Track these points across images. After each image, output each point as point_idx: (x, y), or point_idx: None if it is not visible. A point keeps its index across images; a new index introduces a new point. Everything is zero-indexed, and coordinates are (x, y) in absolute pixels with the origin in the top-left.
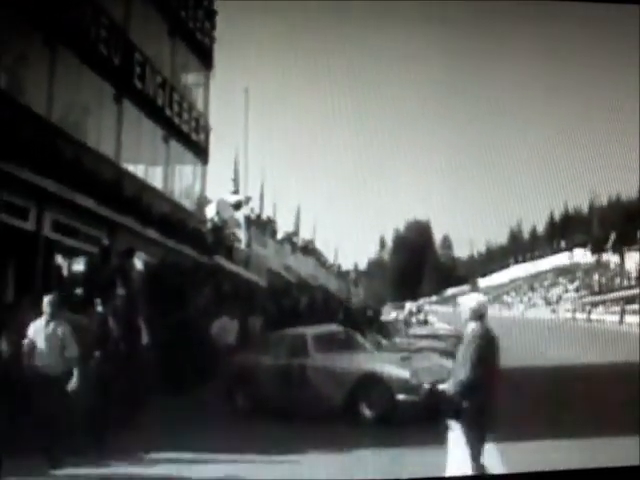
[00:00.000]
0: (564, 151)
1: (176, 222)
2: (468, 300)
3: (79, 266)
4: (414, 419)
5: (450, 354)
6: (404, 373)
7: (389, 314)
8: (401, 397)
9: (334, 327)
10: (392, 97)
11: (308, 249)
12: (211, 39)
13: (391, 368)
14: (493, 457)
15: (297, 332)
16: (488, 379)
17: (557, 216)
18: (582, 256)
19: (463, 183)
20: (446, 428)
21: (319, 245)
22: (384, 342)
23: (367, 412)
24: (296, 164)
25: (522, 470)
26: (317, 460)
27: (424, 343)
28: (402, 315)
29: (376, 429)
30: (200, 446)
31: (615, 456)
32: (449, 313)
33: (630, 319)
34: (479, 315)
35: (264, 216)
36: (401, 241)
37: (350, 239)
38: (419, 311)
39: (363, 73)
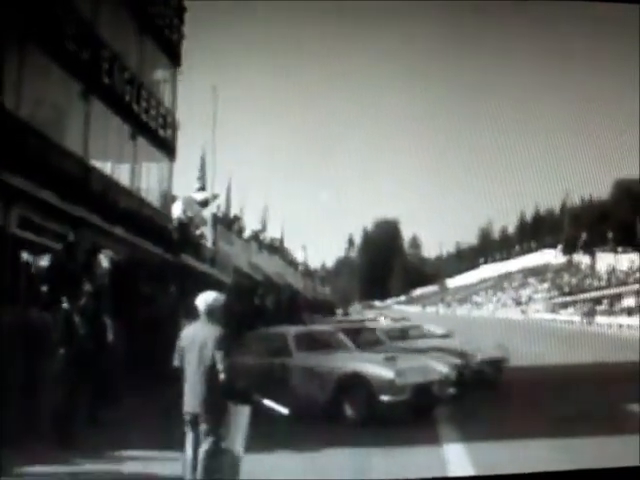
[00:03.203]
0: (536, 153)
1: (142, 219)
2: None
3: (45, 263)
4: (399, 419)
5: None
6: (388, 373)
7: (357, 313)
8: (385, 398)
9: (317, 326)
10: (363, 97)
11: (275, 247)
12: (180, 36)
13: (374, 368)
14: (460, 456)
15: (278, 331)
16: None
17: (528, 217)
18: (553, 257)
19: (433, 183)
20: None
21: (286, 243)
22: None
23: (350, 412)
24: (264, 162)
25: (488, 470)
26: (296, 460)
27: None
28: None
29: (359, 429)
30: (169, 443)
31: (587, 455)
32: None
33: (600, 319)
34: None
35: (231, 214)
36: (369, 240)
37: (318, 238)
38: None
39: (333, 72)
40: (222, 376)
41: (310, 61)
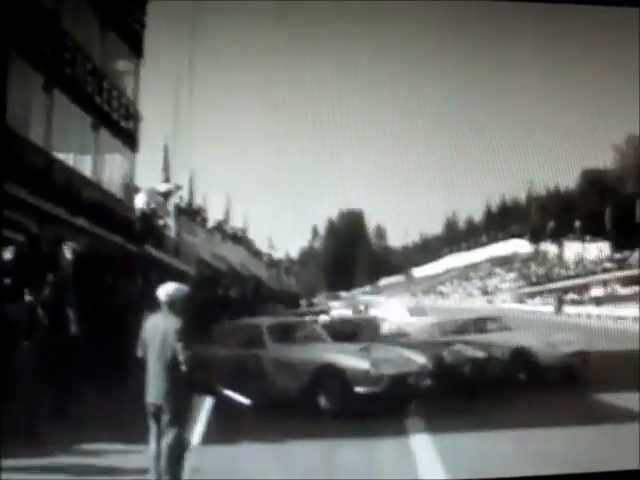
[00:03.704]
0: (502, 140)
1: (105, 211)
2: None
3: (8, 255)
4: (374, 411)
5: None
6: (363, 364)
7: (322, 304)
8: (360, 389)
9: (291, 317)
10: (324, 85)
11: (239, 238)
12: (142, 26)
13: (349, 359)
14: (426, 448)
15: (252, 322)
16: None
17: (494, 206)
18: (520, 246)
19: (398, 173)
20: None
21: (250, 234)
22: None
23: (324, 404)
24: (227, 152)
25: (456, 462)
26: (261, 451)
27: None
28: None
29: (333, 421)
30: (134, 436)
31: (552, 445)
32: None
33: (568, 309)
34: None
35: (194, 205)
36: (334, 231)
37: (282, 228)
38: None
39: (294, 62)
40: (183, 367)
41: (275, 51)
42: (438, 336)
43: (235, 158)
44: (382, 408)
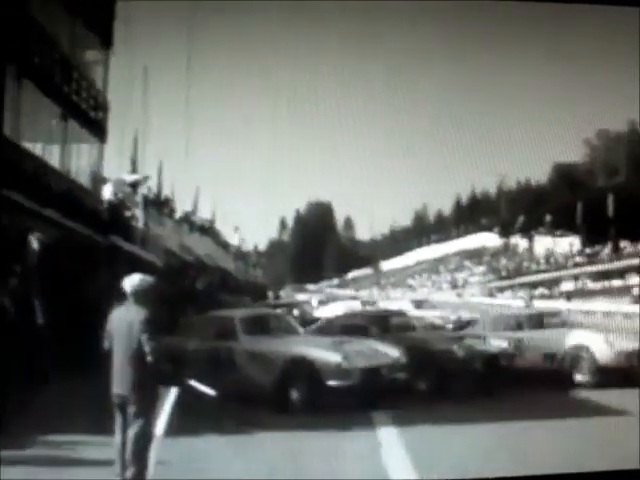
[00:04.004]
0: (472, 133)
1: (73, 201)
2: None
3: None
4: (346, 404)
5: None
6: (335, 357)
7: (290, 296)
8: (332, 382)
9: (265, 309)
10: (294, 77)
11: (206, 229)
12: (111, 16)
13: (321, 352)
14: (393, 439)
15: (225, 314)
16: None
17: (464, 199)
18: (489, 240)
19: (367, 164)
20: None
21: (218, 225)
22: None
23: (296, 397)
24: (195, 143)
25: (424, 454)
26: (225, 443)
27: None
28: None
29: (304, 414)
30: (100, 427)
31: (521, 440)
32: None
33: (538, 303)
34: None
35: (162, 195)
36: (302, 222)
37: (250, 219)
38: None
39: (263, 53)
40: (149, 358)
41: (244, 42)
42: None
43: (203, 150)
44: (354, 401)
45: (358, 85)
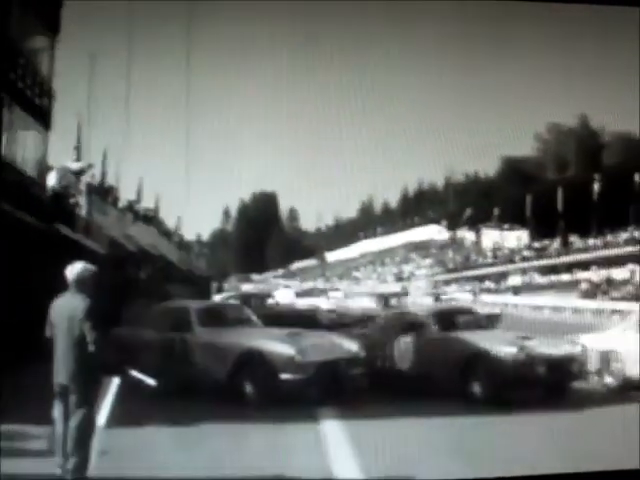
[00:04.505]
0: (421, 125)
1: (16, 188)
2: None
3: None
4: (300, 398)
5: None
6: (289, 350)
7: (233, 286)
8: (285, 376)
9: (221, 301)
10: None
11: (150, 218)
12: (59, 3)
13: (274, 344)
14: (336, 433)
15: (180, 305)
16: None
17: (411, 191)
18: (436, 232)
19: (312, 155)
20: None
21: (162, 215)
22: None
23: (250, 390)
24: (140, 132)
25: (368, 447)
26: (168, 434)
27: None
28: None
29: (258, 408)
30: (41, 417)
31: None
32: None
33: (485, 297)
34: None
35: (106, 184)
36: (246, 213)
37: (194, 209)
38: None
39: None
40: (91, 347)
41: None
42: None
43: (148, 139)
44: (309, 395)
45: (305, 77)
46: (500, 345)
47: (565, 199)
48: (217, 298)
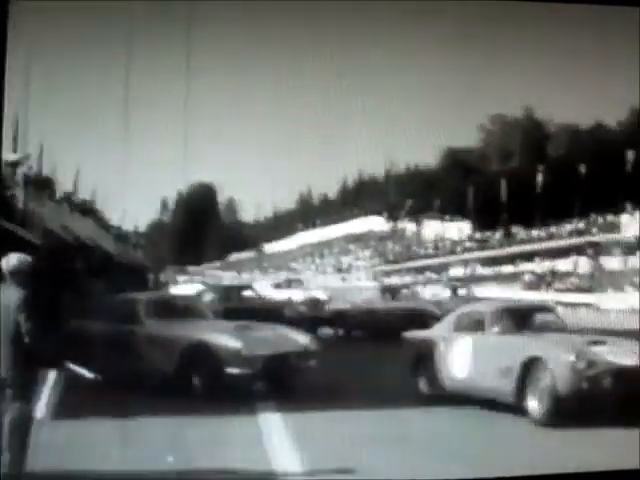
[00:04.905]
0: (361, 114)
1: None
2: None
3: None
4: (247, 391)
5: None
6: (235, 343)
7: (170, 278)
8: (232, 370)
9: (173, 293)
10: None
11: (87, 209)
12: None
13: (221, 337)
14: (280, 427)
15: (130, 297)
16: None
17: (351, 181)
18: (376, 223)
19: (251, 145)
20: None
21: (99, 206)
22: None
23: (197, 384)
24: (77, 122)
25: (306, 439)
26: (105, 427)
27: None
28: None
29: (204, 401)
30: None
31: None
32: None
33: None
34: None
35: (43, 175)
36: (184, 204)
37: (131, 200)
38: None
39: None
40: (26, 339)
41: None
42: None
43: (84, 129)
44: (256, 389)
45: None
46: (559, 352)
47: (509, 190)
48: (187, 289)
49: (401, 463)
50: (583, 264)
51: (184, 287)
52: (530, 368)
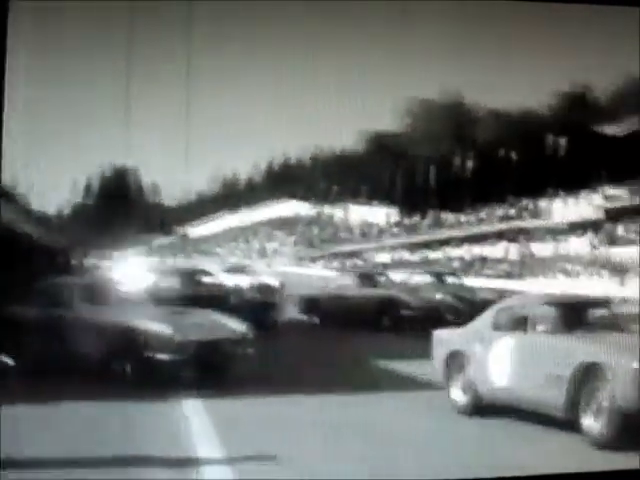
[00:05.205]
0: (287, 98)
1: None
2: None
3: None
4: (175, 378)
5: None
6: (165, 329)
7: (92, 263)
8: (161, 356)
9: (104, 277)
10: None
11: (7, 194)
12: None
13: (151, 323)
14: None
15: (62, 281)
16: None
17: (276, 166)
18: (302, 209)
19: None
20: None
21: (20, 189)
22: None
23: (128, 370)
24: None
25: (229, 426)
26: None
27: None
28: None
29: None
30: None
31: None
32: None
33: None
34: None
35: None
36: (107, 188)
37: (53, 184)
38: None
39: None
40: None
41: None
42: None
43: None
44: (188, 375)
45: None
46: (621, 357)
47: (437, 176)
48: (129, 274)
49: (333, 451)
50: (513, 250)
51: (125, 271)
52: (585, 376)
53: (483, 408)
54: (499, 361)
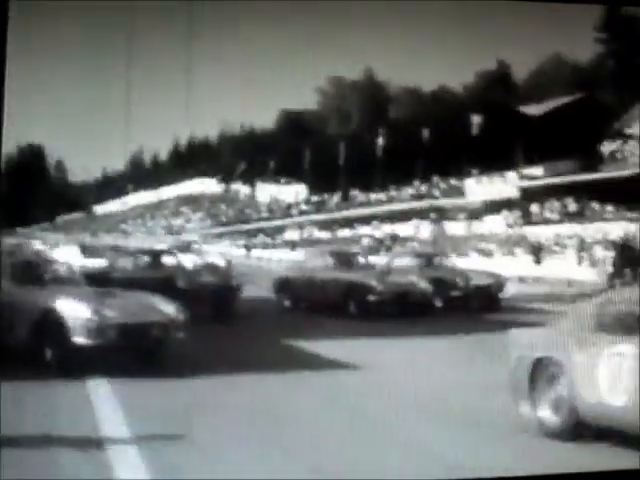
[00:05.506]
0: (194, 75)
1: None
2: None
3: None
4: (97, 363)
5: None
6: (85, 311)
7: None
8: (80, 340)
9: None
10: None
11: None
12: None
13: (72, 305)
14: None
15: None
16: None
17: (183, 143)
18: (208, 185)
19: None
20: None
21: None
22: None
23: (49, 355)
24: None
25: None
26: None
27: None
28: None
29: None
30: None
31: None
32: None
33: (258, 252)
34: None
35: None
36: (11, 165)
37: None
38: None
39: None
40: None
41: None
42: None
43: None
44: (112, 358)
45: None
46: None
47: (347, 153)
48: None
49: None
50: (425, 229)
51: (52, 250)
52: None
53: (582, 431)
54: (613, 374)
